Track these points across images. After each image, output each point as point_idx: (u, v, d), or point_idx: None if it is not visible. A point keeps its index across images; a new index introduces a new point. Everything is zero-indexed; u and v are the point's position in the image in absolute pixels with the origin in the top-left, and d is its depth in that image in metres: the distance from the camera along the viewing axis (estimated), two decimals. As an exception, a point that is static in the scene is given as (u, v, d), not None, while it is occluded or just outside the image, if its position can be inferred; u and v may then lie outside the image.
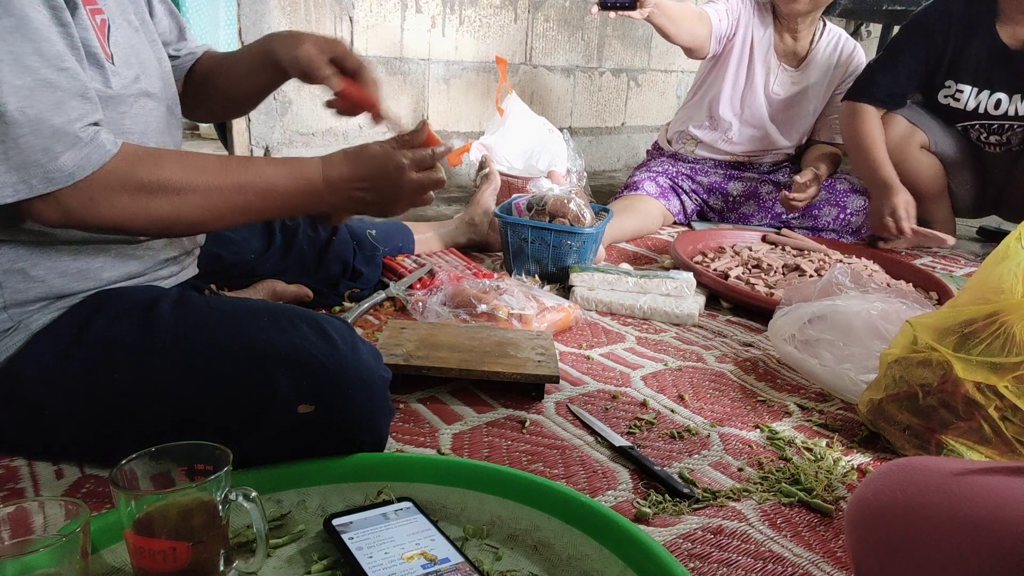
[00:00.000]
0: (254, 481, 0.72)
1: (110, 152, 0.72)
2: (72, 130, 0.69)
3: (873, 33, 3.80)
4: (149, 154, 0.77)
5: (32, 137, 0.67)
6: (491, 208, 1.77)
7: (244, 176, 0.80)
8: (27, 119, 0.67)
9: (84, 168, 0.70)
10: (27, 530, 0.58)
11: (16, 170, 0.67)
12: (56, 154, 0.68)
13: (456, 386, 1.09)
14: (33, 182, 0.68)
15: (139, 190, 0.74)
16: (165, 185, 0.76)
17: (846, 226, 2.28)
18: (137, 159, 0.75)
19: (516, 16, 2.59)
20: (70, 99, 0.69)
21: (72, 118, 0.69)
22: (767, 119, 2.23)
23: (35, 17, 0.67)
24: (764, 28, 2.15)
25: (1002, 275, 0.91)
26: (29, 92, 0.67)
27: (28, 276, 0.77)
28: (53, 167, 0.68)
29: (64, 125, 0.68)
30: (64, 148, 0.69)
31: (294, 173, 0.82)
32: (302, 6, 2.04)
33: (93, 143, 0.70)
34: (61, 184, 0.69)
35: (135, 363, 0.77)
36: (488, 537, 0.72)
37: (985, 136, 2.09)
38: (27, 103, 0.66)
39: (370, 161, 0.84)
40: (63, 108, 0.68)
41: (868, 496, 0.58)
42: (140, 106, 0.82)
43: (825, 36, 2.19)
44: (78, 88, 0.70)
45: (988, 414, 0.89)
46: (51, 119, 0.68)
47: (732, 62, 2.18)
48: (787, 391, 1.18)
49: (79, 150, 0.69)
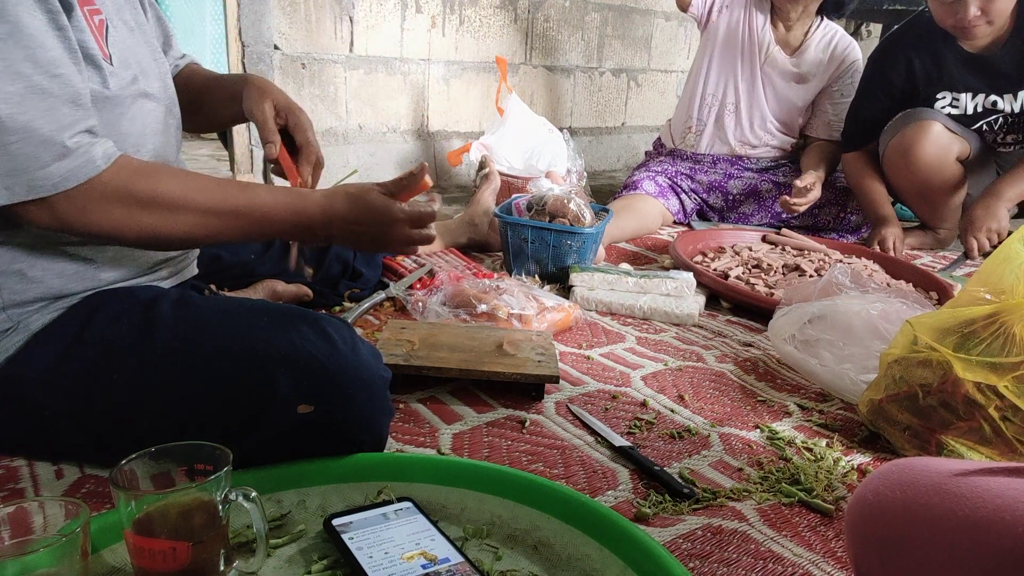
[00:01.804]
0: (254, 481, 0.72)
1: (99, 167, 0.72)
2: (61, 139, 0.69)
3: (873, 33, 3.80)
4: (148, 169, 0.77)
5: (21, 144, 0.67)
6: (491, 208, 1.77)
7: (242, 202, 0.80)
8: (17, 126, 0.66)
9: (69, 180, 0.70)
10: (27, 530, 0.58)
11: (2, 176, 0.67)
12: (43, 163, 0.68)
13: (456, 386, 1.09)
14: (16, 189, 0.68)
15: (134, 204, 0.74)
16: (161, 201, 0.76)
17: (846, 226, 2.29)
18: (135, 173, 0.75)
19: (516, 16, 2.59)
20: (61, 106, 0.69)
21: (63, 125, 0.69)
22: (764, 102, 2.26)
23: (29, 23, 0.67)
24: (762, 15, 2.19)
25: (1003, 276, 0.91)
26: (20, 99, 0.67)
27: (26, 277, 0.77)
28: (39, 175, 0.68)
29: (53, 134, 0.68)
30: (51, 158, 0.69)
31: (294, 206, 0.83)
32: (302, 6, 2.04)
33: (83, 156, 0.70)
34: (44, 193, 0.69)
35: (135, 363, 0.76)
36: (488, 537, 0.72)
37: (1002, 137, 2.10)
38: (18, 110, 0.66)
39: (370, 210, 0.84)
40: (54, 115, 0.68)
41: (868, 496, 0.58)
42: (138, 107, 0.82)
43: (820, 30, 2.22)
44: (70, 95, 0.70)
45: (988, 414, 0.89)
46: (41, 128, 0.68)
47: (728, 45, 2.22)
48: (787, 391, 1.18)
49: (67, 161, 0.69)
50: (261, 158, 2.07)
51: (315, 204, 0.83)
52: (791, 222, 2.25)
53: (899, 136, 2.05)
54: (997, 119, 2.05)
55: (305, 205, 0.83)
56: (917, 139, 2.01)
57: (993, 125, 2.07)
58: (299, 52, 2.06)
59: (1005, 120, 2.05)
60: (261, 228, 0.82)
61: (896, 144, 2.06)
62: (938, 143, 2.02)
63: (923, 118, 2.02)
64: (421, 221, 0.86)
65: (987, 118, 2.06)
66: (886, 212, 2.13)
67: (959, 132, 2.06)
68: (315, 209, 0.83)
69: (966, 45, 1.98)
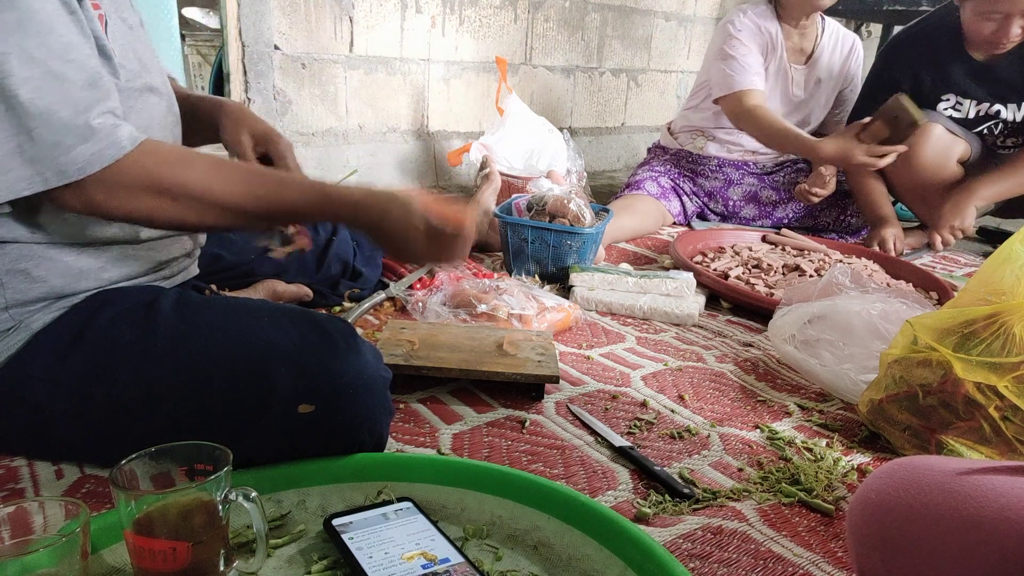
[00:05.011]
0: (254, 481, 0.72)
1: (124, 148, 0.71)
2: (82, 122, 0.69)
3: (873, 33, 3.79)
4: (178, 156, 0.77)
5: (44, 130, 0.67)
6: (491, 208, 1.76)
7: (269, 201, 0.80)
8: (38, 111, 0.67)
9: (95, 163, 0.70)
10: (27, 530, 0.58)
11: (31, 163, 0.68)
12: (67, 147, 0.68)
13: (456, 386, 1.09)
14: (47, 175, 0.68)
15: (162, 192, 0.75)
16: (189, 191, 0.76)
17: (846, 228, 2.29)
18: (163, 160, 0.75)
19: (516, 16, 2.59)
20: (78, 90, 0.69)
21: (81, 109, 0.69)
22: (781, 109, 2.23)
23: (40, 8, 0.67)
24: (775, 30, 2.15)
25: (1003, 277, 0.91)
26: (39, 84, 0.67)
27: (30, 276, 0.77)
28: (65, 160, 0.68)
29: (73, 117, 0.68)
30: (76, 141, 0.69)
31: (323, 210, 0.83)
32: (302, 6, 2.03)
33: (108, 138, 0.70)
34: (73, 177, 0.69)
35: (135, 363, 0.76)
36: (488, 537, 0.72)
37: (1002, 140, 2.10)
38: (36, 95, 0.67)
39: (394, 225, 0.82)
40: (71, 99, 0.68)
41: (870, 496, 0.58)
42: (144, 101, 0.82)
43: (827, 30, 2.21)
44: (86, 78, 0.70)
45: (988, 414, 0.89)
46: (59, 112, 0.68)
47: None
48: (787, 391, 1.17)
49: (92, 144, 0.69)
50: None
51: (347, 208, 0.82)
52: (792, 225, 2.25)
53: None
54: (998, 124, 2.06)
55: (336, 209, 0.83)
56: (918, 141, 2.01)
57: (994, 129, 2.08)
58: (299, 52, 2.06)
59: (1006, 126, 2.06)
60: (283, 217, 0.85)
61: None
62: (939, 145, 2.03)
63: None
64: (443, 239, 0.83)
65: (988, 123, 2.06)
66: (886, 212, 2.13)
67: (960, 134, 2.06)
68: (346, 213, 0.83)
69: (975, 54, 1.98)
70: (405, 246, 0.83)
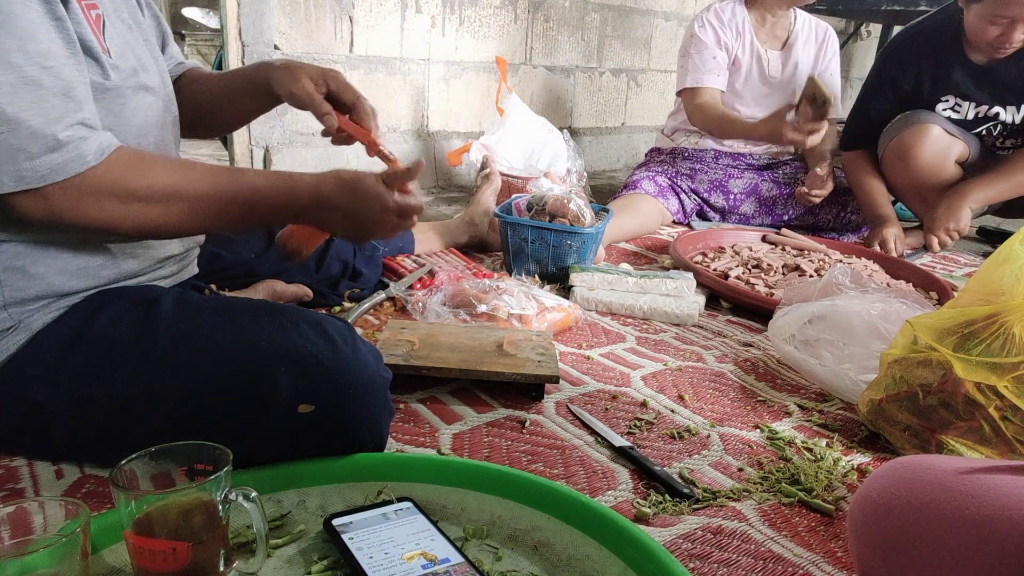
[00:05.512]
0: (254, 481, 0.72)
1: (88, 163, 0.71)
2: (50, 132, 0.68)
3: (873, 33, 3.79)
4: (142, 161, 0.77)
5: (9, 136, 0.67)
6: (491, 208, 1.77)
7: (233, 188, 0.80)
8: (5, 117, 0.66)
9: (58, 173, 0.70)
10: (27, 530, 0.58)
11: None
12: (31, 155, 0.68)
13: (456, 386, 1.09)
14: (3, 179, 0.68)
15: (128, 197, 0.74)
16: (154, 193, 0.76)
17: (846, 225, 2.29)
18: (129, 166, 0.75)
19: (516, 16, 2.59)
20: (52, 98, 0.69)
21: (52, 118, 0.69)
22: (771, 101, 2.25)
23: (22, 14, 0.67)
24: (742, 17, 2.19)
25: (1003, 277, 0.91)
26: (11, 89, 0.66)
27: (28, 274, 0.76)
28: (26, 167, 0.68)
29: (42, 126, 0.68)
30: (40, 150, 0.68)
31: (284, 188, 0.83)
32: (302, 6, 2.03)
33: (74, 151, 0.70)
34: (33, 184, 0.69)
35: (135, 363, 0.76)
36: (488, 537, 0.72)
37: (1001, 141, 2.11)
38: (7, 100, 0.66)
39: (363, 197, 0.84)
40: (43, 107, 0.68)
41: (872, 495, 0.58)
42: (139, 100, 0.82)
43: (799, 19, 2.26)
44: (61, 87, 0.70)
45: (988, 414, 0.89)
46: (29, 119, 0.67)
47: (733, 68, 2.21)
48: (787, 391, 1.17)
49: (57, 155, 0.69)
50: (261, 157, 2.07)
51: (306, 187, 0.83)
52: (792, 223, 2.25)
53: (898, 138, 2.06)
54: (996, 126, 2.07)
55: (295, 187, 0.83)
56: (916, 141, 2.01)
57: (992, 131, 2.08)
58: (299, 52, 2.06)
59: (1005, 127, 2.06)
60: (254, 213, 0.82)
61: (895, 146, 2.07)
62: (937, 145, 2.03)
63: (923, 120, 2.03)
64: (409, 212, 0.86)
65: (986, 124, 2.07)
66: (886, 212, 2.14)
67: (958, 135, 2.06)
68: (305, 192, 0.83)
69: (974, 56, 1.99)
70: (371, 225, 0.85)
